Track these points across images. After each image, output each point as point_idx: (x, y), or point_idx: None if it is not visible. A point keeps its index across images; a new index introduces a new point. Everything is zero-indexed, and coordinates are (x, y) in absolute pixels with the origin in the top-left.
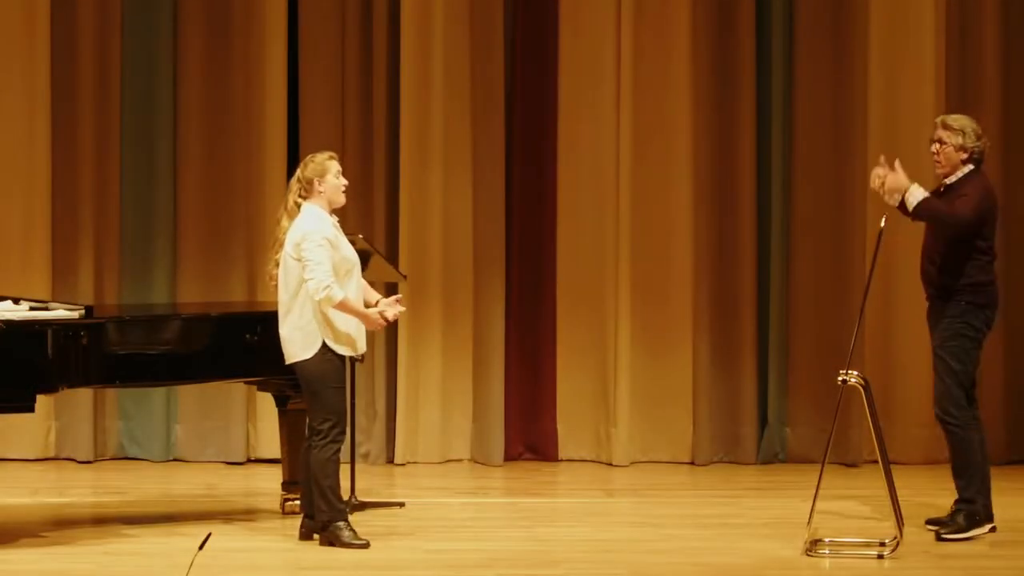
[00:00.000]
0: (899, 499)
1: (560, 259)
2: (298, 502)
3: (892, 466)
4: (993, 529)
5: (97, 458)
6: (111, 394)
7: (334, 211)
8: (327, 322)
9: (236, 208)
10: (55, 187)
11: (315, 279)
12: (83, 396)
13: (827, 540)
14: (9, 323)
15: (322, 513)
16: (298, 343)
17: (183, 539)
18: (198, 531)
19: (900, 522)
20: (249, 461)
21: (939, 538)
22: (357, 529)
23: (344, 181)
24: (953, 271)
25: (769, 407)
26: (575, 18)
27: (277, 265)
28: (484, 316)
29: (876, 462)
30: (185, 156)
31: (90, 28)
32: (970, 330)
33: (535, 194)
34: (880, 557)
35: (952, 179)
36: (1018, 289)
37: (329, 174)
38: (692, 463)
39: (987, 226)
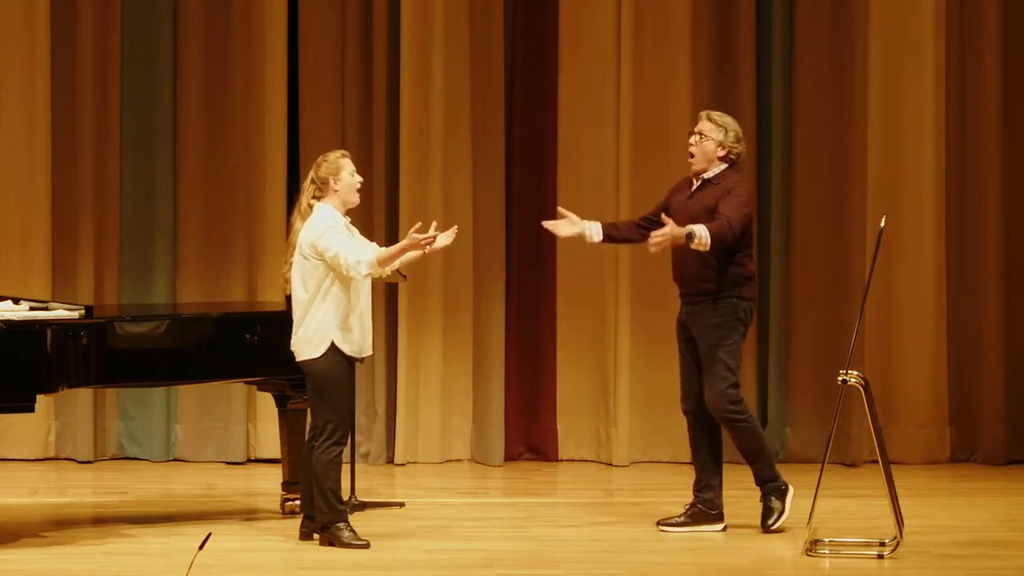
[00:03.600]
0: (899, 499)
1: (560, 259)
2: (298, 502)
3: (892, 466)
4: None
5: (97, 458)
6: (111, 394)
7: (347, 212)
8: (338, 324)
9: (236, 208)
10: (55, 187)
11: (344, 262)
12: (83, 396)
13: (827, 540)
14: (9, 323)
15: (322, 514)
16: (308, 342)
17: (183, 539)
18: (198, 531)
19: (900, 522)
20: (249, 461)
21: (766, 529)
22: (357, 529)
23: (359, 179)
24: (721, 270)
25: (769, 407)
26: (575, 19)
27: (292, 268)
28: (484, 316)
29: (876, 462)
30: (185, 156)
31: (90, 27)
32: (741, 325)
33: (535, 194)
34: (880, 557)
35: (709, 174)
36: (1018, 289)
37: (344, 172)
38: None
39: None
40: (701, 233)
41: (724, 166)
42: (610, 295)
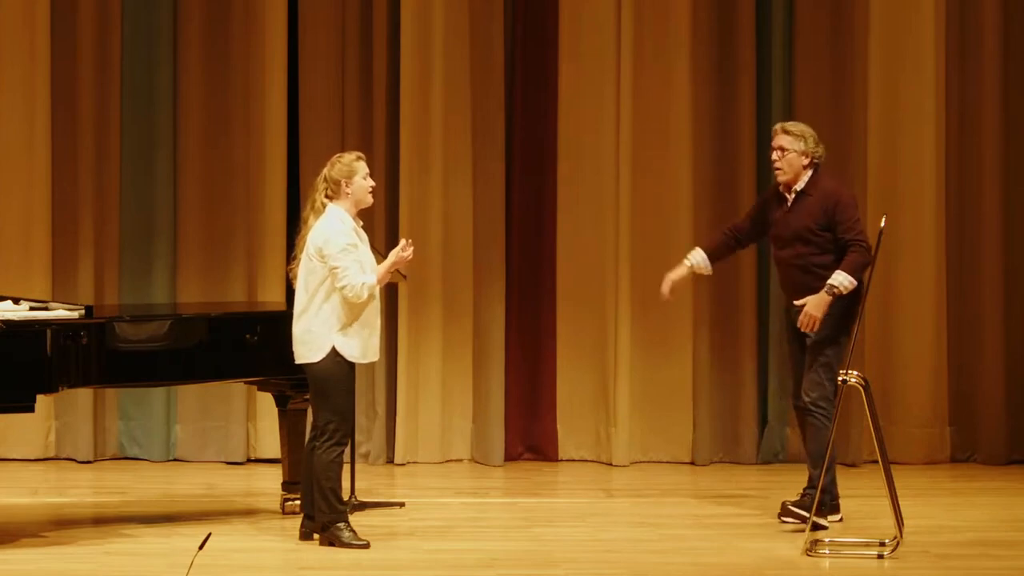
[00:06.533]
0: (899, 499)
1: (560, 259)
2: (298, 502)
3: (892, 466)
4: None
5: (97, 458)
6: (111, 394)
7: (359, 212)
8: (339, 328)
9: (236, 208)
10: (55, 187)
11: (347, 285)
12: (83, 396)
13: (827, 540)
14: (9, 323)
15: (323, 514)
16: (309, 344)
17: (183, 539)
18: (198, 531)
19: (900, 522)
20: (249, 461)
21: (781, 516)
22: (357, 529)
23: (372, 183)
24: (822, 276)
25: (769, 407)
26: (575, 19)
27: (300, 264)
28: (484, 316)
29: (876, 462)
30: (185, 156)
31: (90, 27)
32: (845, 321)
33: (535, 194)
34: (880, 557)
35: (800, 185)
36: (1018, 289)
37: (357, 175)
38: (692, 463)
39: None
40: (839, 282)
41: (810, 172)
42: (610, 295)
